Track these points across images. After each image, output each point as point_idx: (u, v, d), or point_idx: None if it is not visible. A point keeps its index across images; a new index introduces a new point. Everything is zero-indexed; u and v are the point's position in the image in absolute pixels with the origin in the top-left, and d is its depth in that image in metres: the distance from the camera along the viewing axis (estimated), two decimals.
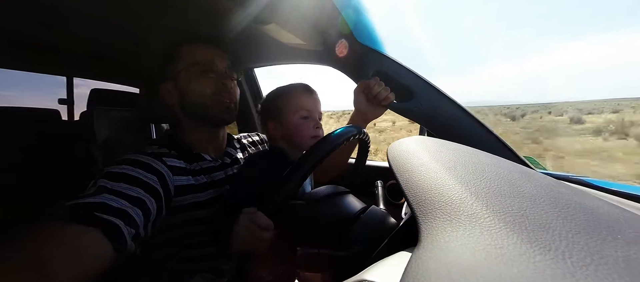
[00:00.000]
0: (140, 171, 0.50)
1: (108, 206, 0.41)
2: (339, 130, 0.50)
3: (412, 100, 0.73)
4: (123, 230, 0.41)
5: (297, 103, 0.69)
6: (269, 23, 0.75)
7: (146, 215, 0.46)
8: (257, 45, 0.99)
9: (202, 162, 0.64)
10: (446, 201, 0.21)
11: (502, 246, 0.16)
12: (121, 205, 0.43)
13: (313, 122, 0.69)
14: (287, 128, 0.69)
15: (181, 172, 0.58)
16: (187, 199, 0.58)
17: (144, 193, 0.48)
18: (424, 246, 0.18)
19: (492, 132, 0.70)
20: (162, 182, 0.52)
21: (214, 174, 0.65)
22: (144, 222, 0.46)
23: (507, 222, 0.18)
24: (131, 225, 0.43)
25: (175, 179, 0.56)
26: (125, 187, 0.46)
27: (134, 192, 0.46)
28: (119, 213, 0.42)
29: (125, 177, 0.48)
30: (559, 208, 0.20)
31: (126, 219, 0.42)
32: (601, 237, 0.17)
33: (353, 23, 0.69)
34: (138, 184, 0.48)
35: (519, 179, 0.26)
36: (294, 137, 0.69)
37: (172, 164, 0.57)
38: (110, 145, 1.19)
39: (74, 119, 1.82)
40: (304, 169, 0.44)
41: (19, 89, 1.47)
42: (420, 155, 0.31)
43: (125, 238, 0.41)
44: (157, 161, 0.54)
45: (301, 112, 0.68)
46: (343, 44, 0.77)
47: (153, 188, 0.50)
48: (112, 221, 0.40)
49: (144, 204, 0.46)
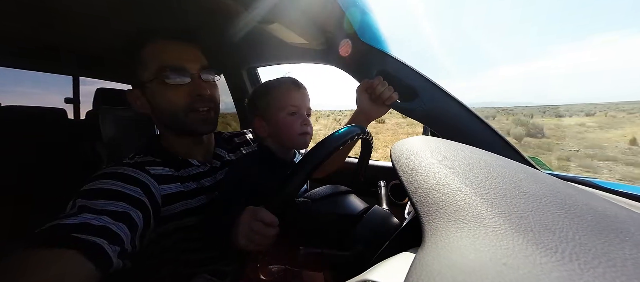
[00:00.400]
0: (121, 183, 0.47)
1: (89, 226, 0.39)
2: (342, 130, 0.50)
3: (415, 100, 0.72)
4: (106, 249, 0.39)
5: (285, 99, 0.65)
6: (273, 22, 0.75)
7: (132, 229, 0.44)
8: (261, 44, 0.99)
9: (190, 169, 0.60)
10: (450, 201, 0.21)
11: (507, 247, 0.15)
12: (103, 222, 0.41)
13: (301, 118, 0.65)
14: (275, 125, 0.66)
15: (168, 179, 0.56)
16: (177, 206, 0.55)
17: (128, 206, 0.45)
18: (428, 247, 0.18)
19: (496, 132, 0.69)
20: (146, 193, 0.49)
21: (203, 181, 0.61)
22: (130, 236, 0.43)
23: (513, 223, 0.18)
24: (115, 242, 0.41)
25: (161, 189, 0.53)
26: (105, 203, 0.43)
27: (116, 207, 0.44)
28: (100, 231, 0.40)
29: (104, 192, 0.45)
30: (565, 209, 0.20)
31: (109, 236, 0.40)
32: (609, 239, 0.16)
33: (357, 22, 0.69)
34: (120, 197, 0.45)
35: (524, 179, 0.25)
36: (281, 135, 0.66)
37: (157, 172, 0.54)
38: (115, 143, 1.20)
39: (79, 118, 1.85)
40: (309, 167, 0.44)
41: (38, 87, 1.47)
42: (423, 155, 0.31)
43: (109, 257, 0.39)
44: (140, 171, 0.52)
45: (289, 108, 0.64)
46: (347, 43, 0.76)
47: (137, 200, 0.47)
48: (94, 240, 0.38)
49: (128, 217, 0.44)
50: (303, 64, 1.08)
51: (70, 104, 1.85)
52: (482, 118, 0.69)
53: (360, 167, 0.63)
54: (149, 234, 0.50)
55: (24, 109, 1.60)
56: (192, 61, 0.58)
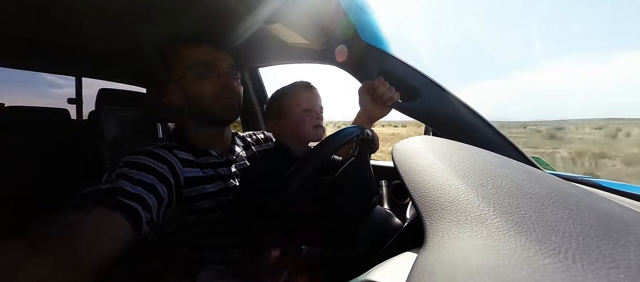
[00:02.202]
0: (153, 160, 0.53)
1: (127, 192, 0.44)
2: (343, 130, 0.49)
3: (417, 99, 0.72)
4: (141, 214, 0.44)
5: (299, 98, 0.74)
6: (274, 22, 0.75)
7: (159, 202, 0.49)
8: (262, 44, 0.99)
9: (209, 157, 0.67)
10: (452, 202, 0.21)
11: (509, 248, 0.15)
12: (138, 191, 0.46)
13: (314, 114, 0.74)
14: (292, 121, 0.74)
15: (190, 164, 0.62)
16: (196, 190, 0.61)
17: (157, 181, 0.51)
18: (430, 247, 0.17)
19: (499, 132, 0.69)
20: (172, 172, 0.55)
21: (220, 169, 0.68)
22: (157, 208, 0.49)
23: (515, 223, 0.18)
24: (147, 210, 0.46)
25: (185, 171, 0.59)
26: (141, 174, 0.49)
27: (148, 180, 0.49)
28: (136, 198, 0.45)
29: (140, 165, 0.51)
30: (568, 210, 0.20)
31: (143, 204, 0.45)
32: (613, 240, 0.16)
33: (358, 22, 0.69)
34: (152, 172, 0.51)
35: (527, 179, 0.25)
36: (297, 129, 0.74)
37: (182, 156, 0.60)
38: (117, 144, 1.21)
39: (82, 118, 1.86)
40: (309, 167, 0.44)
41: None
42: (425, 155, 0.30)
43: (143, 221, 0.44)
44: (168, 153, 0.58)
45: (303, 105, 0.73)
46: (343, 49, 0.79)
47: (165, 177, 0.53)
48: (132, 204, 0.43)
49: (157, 191, 0.49)
50: (304, 64, 1.08)
51: (73, 104, 1.86)
52: (484, 117, 0.69)
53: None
54: (170, 212, 0.55)
55: (27, 109, 1.61)
56: (221, 60, 0.67)
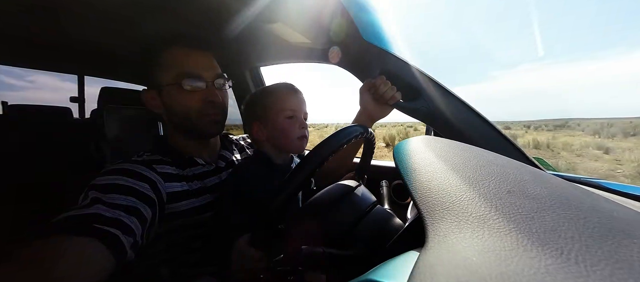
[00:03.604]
0: (132, 179, 0.50)
1: (103, 217, 0.41)
2: (344, 130, 0.49)
3: (418, 99, 0.72)
4: (122, 239, 0.41)
5: (283, 103, 0.66)
6: (275, 21, 0.75)
7: (142, 223, 0.46)
8: (263, 44, 0.99)
9: (195, 168, 0.63)
10: (453, 202, 0.21)
11: (511, 249, 0.15)
12: (116, 215, 0.43)
13: (298, 122, 0.67)
14: (273, 129, 0.67)
15: (174, 178, 0.58)
16: (182, 205, 0.57)
17: (138, 201, 0.47)
18: (431, 247, 0.17)
19: (500, 132, 0.68)
20: (154, 189, 0.52)
21: (207, 180, 0.64)
22: (141, 230, 0.46)
23: (517, 223, 0.17)
24: (129, 234, 0.43)
25: (167, 186, 0.56)
26: (117, 197, 0.45)
27: (127, 202, 0.46)
28: (115, 223, 0.42)
29: (116, 187, 0.47)
30: (570, 210, 0.20)
31: (123, 228, 0.42)
32: (616, 241, 0.16)
33: (360, 21, 0.69)
34: (130, 193, 0.48)
35: (529, 180, 0.25)
36: (279, 139, 0.67)
37: (163, 170, 0.57)
38: (119, 142, 1.21)
39: (84, 117, 1.87)
40: (311, 167, 0.43)
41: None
42: (426, 155, 0.30)
43: (125, 247, 0.41)
44: (147, 169, 0.54)
45: (286, 112, 0.66)
46: (335, 51, 0.77)
47: (146, 196, 0.49)
48: (111, 231, 0.40)
49: (138, 212, 0.46)
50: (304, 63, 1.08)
51: (76, 103, 1.87)
52: (486, 118, 0.69)
53: (362, 167, 0.63)
54: (155, 231, 0.52)
55: (29, 107, 1.62)
56: (208, 69, 0.62)
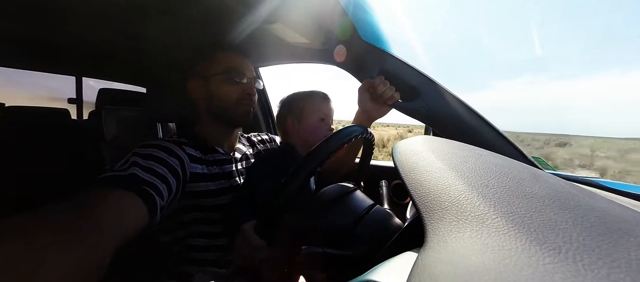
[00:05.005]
0: (164, 153, 0.56)
1: (140, 178, 0.47)
2: (343, 130, 0.49)
3: (417, 99, 0.72)
4: (156, 199, 0.47)
5: (318, 106, 0.79)
6: (274, 22, 0.75)
7: (169, 191, 0.53)
8: (263, 44, 0.99)
9: (216, 154, 0.70)
10: (453, 202, 0.21)
11: (510, 248, 0.15)
12: (151, 179, 0.49)
13: (327, 125, 0.79)
14: (305, 126, 0.78)
15: (197, 161, 0.65)
16: (199, 186, 0.64)
17: (167, 172, 0.54)
18: (431, 247, 0.17)
19: (499, 132, 0.69)
20: (181, 166, 0.58)
21: (225, 166, 0.71)
22: (167, 196, 0.52)
23: (515, 223, 0.18)
24: (160, 196, 0.49)
25: (191, 166, 0.62)
26: (153, 164, 0.52)
27: (160, 170, 0.52)
28: (150, 184, 0.48)
29: (152, 157, 0.54)
30: (569, 209, 0.20)
31: (156, 190, 0.48)
32: (613, 240, 0.16)
33: (358, 21, 0.69)
34: (163, 164, 0.54)
35: (527, 179, 0.25)
36: (309, 136, 0.77)
37: (190, 152, 0.64)
38: (118, 143, 1.21)
39: (82, 118, 1.86)
40: (311, 166, 0.43)
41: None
42: (426, 155, 0.30)
43: (157, 206, 0.47)
44: (178, 147, 0.61)
45: (319, 114, 0.78)
46: (341, 49, 0.81)
47: (174, 169, 0.56)
48: (146, 189, 0.46)
49: (167, 181, 0.53)
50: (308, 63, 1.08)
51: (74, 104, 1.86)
52: (485, 118, 0.69)
53: (361, 167, 0.63)
54: (174, 205, 0.58)
55: (27, 109, 1.62)
56: (248, 70, 0.73)
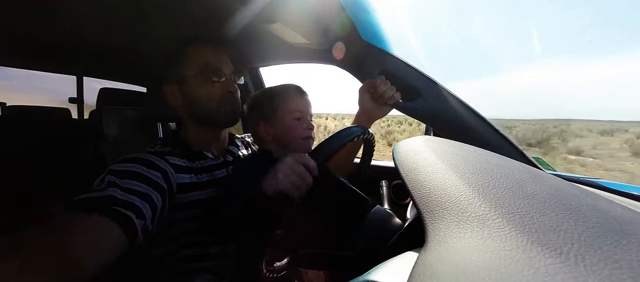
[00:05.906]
0: (145, 168, 0.53)
1: (118, 200, 0.44)
2: (345, 130, 0.49)
3: (418, 99, 0.72)
4: (134, 221, 0.44)
5: (291, 104, 0.68)
6: (274, 22, 0.75)
7: (153, 209, 0.49)
8: (262, 44, 0.99)
9: (204, 161, 0.66)
10: (453, 202, 0.21)
11: (511, 248, 0.15)
12: (130, 199, 0.46)
13: (305, 123, 0.68)
14: (280, 129, 0.68)
15: (183, 170, 0.60)
16: (188, 196, 0.60)
17: (150, 188, 0.50)
18: (431, 247, 0.17)
19: (500, 132, 0.68)
20: (165, 179, 0.55)
21: (216, 172, 0.66)
22: (151, 216, 0.48)
23: (516, 223, 0.18)
24: (141, 218, 0.46)
25: (177, 177, 0.58)
26: (131, 183, 0.48)
27: (140, 188, 0.49)
28: (129, 206, 0.45)
29: (131, 174, 0.50)
30: (570, 210, 0.20)
31: (136, 212, 0.45)
32: (615, 241, 0.16)
33: (358, 21, 0.69)
34: (143, 180, 0.51)
35: (528, 180, 0.25)
36: (286, 138, 0.68)
37: (174, 162, 0.60)
38: (118, 143, 1.21)
39: (83, 118, 1.86)
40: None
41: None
42: (426, 155, 0.30)
43: (137, 229, 0.44)
44: (160, 159, 0.57)
45: (294, 113, 0.67)
46: (340, 46, 0.77)
47: (157, 184, 0.52)
48: (125, 212, 0.43)
49: (150, 198, 0.49)
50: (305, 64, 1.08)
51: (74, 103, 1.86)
52: (485, 118, 0.69)
53: (361, 167, 0.63)
54: (162, 219, 0.54)
55: (28, 108, 1.62)
56: (226, 65, 0.68)
